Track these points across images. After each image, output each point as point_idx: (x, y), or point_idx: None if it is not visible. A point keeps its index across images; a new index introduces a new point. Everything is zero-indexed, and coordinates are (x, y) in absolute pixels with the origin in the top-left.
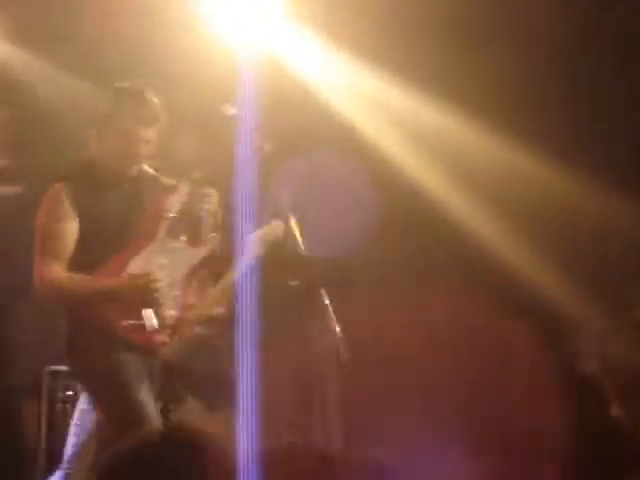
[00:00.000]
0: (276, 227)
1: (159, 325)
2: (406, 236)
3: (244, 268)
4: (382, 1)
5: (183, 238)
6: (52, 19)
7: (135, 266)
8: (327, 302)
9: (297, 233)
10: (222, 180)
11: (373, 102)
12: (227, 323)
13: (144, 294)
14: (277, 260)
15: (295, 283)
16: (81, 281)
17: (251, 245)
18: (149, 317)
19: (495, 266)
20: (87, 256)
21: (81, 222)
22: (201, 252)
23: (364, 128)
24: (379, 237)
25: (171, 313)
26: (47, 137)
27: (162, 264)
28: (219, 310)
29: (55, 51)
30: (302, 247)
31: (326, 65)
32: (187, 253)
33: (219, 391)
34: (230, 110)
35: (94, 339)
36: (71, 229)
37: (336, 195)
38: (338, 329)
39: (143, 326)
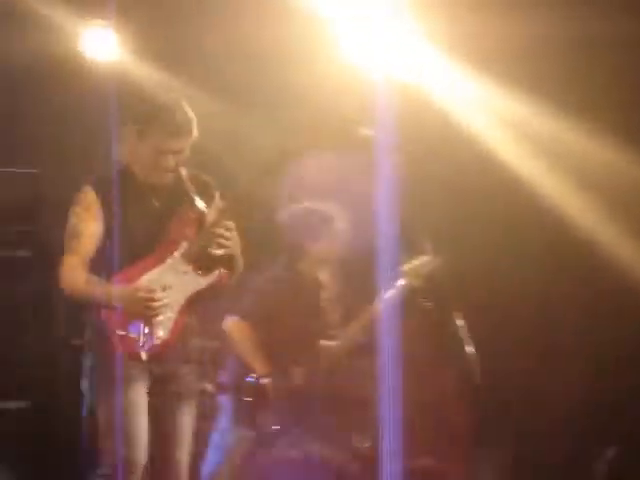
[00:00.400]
0: (428, 262)
1: (144, 342)
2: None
3: (392, 298)
4: (511, 20)
5: (194, 264)
6: (192, 41)
7: (146, 280)
8: (461, 323)
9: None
10: (359, 202)
11: (506, 121)
12: (370, 351)
13: (142, 309)
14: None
15: (429, 305)
16: (92, 282)
17: (406, 276)
18: (140, 332)
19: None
20: (107, 261)
21: (106, 226)
22: (206, 281)
23: (499, 148)
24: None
25: (160, 334)
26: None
27: (169, 284)
28: (364, 339)
29: (192, 72)
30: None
31: (459, 85)
32: (194, 279)
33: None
34: (367, 132)
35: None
36: (94, 230)
37: (472, 216)
38: (472, 350)
39: (134, 339)
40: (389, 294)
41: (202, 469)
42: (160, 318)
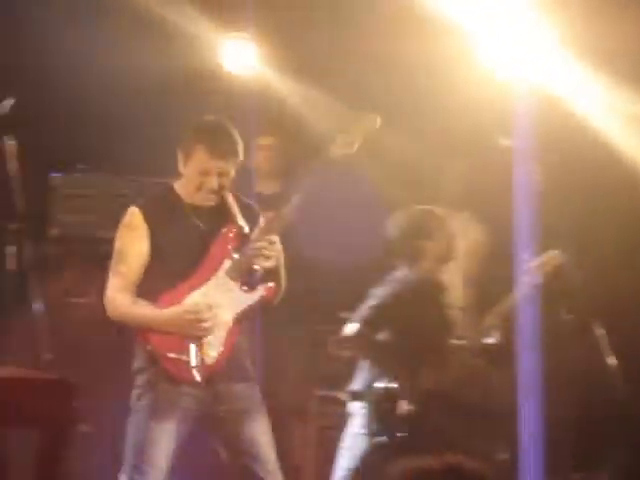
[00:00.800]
0: (554, 257)
1: (196, 364)
2: None
3: (522, 298)
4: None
5: (239, 281)
6: (326, 52)
7: (192, 299)
8: (602, 334)
9: (572, 264)
10: (495, 209)
11: None
12: (502, 353)
13: (191, 329)
14: (551, 292)
15: (569, 317)
16: (138, 306)
17: (529, 274)
18: (191, 354)
19: None
20: (152, 282)
21: (152, 247)
22: (253, 298)
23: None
24: None
25: (212, 354)
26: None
27: (216, 303)
28: (492, 340)
29: (333, 84)
30: (577, 279)
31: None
32: (241, 297)
33: (491, 425)
34: (506, 141)
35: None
36: (140, 251)
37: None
38: (614, 361)
39: (185, 361)
40: (518, 293)
41: (334, 475)
42: (210, 338)
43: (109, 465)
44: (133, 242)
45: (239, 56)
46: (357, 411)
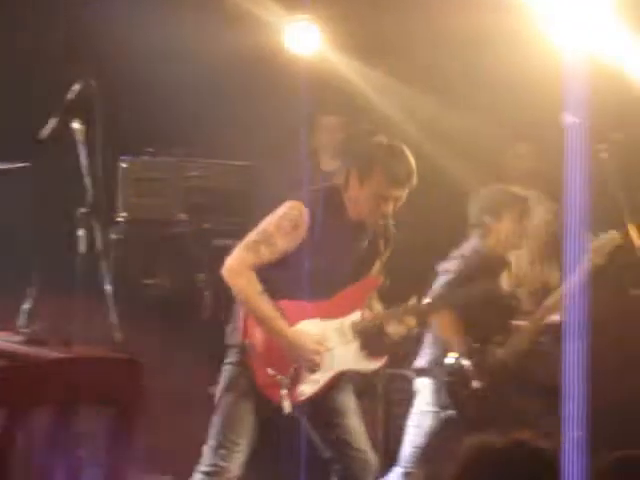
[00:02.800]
0: (613, 237)
1: (286, 393)
2: None
3: (580, 277)
4: None
5: (361, 339)
6: (389, 32)
7: (308, 325)
8: None
9: (636, 240)
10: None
11: None
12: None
13: (304, 356)
14: (616, 268)
15: (636, 292)
16: (264, 300)
17: (590, 254)
18: (285, 379)
19: None
20: (279, 279)
21: (298, 247)
22: (369, 366)
23: None
24: None
25: (307, 391)
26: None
27: (331, 345)
28: (555, 318)
29: (392, 64)
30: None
31: None
32: (356, 357)
33: (550, 401)
34: (568, 119)
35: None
36: (287, 247)
37: None
38: None
39: (277, 382)
40: (576, 274)
41: (402, 451)
42: (315, 376)
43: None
44: (287, 237)
45: (303, 38)
46: (423, 388)
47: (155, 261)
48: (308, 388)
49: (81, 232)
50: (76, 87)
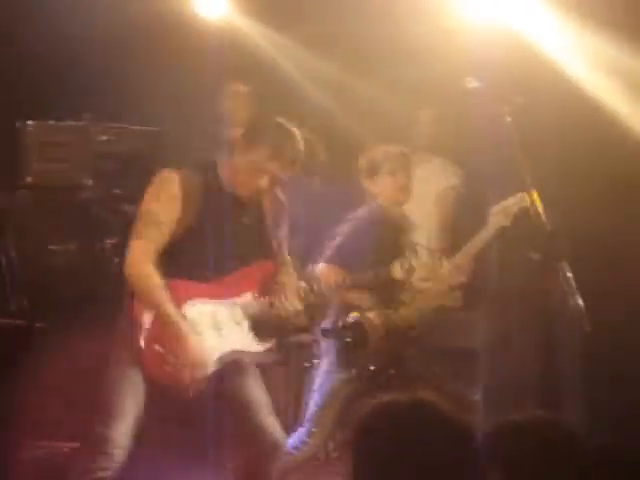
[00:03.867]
0: (521, 198)
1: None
2: None
3: (488, 238)
4: None
5: (251, 322)
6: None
7: (193, 310)
8: (569, 275)
9: (539, 206)
10: (463, 152)
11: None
12: (468, 293)
13: (188, 359)
14: (519, 233)
15: (537, 257)
16: (158, 287)
17: (495, 216)
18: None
19: None
20: (170, 258)
21: (183, 224)
22: (257, 347)
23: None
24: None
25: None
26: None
27: (220, 326)
28: (459, 279)
29: (300, 30)
30: (545, 220)
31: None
32: (245, 338)
33: (459, 364)
34: (472, 83)
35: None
36: (173, 220)
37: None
38: (580, 301)
39: (163, 357)
40: (481, 233)
41: (308, 411)
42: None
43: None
44: (169, 209)
45: (212, 2)
46: (328, 349)
47: (61, 227)
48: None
49: None
50: None
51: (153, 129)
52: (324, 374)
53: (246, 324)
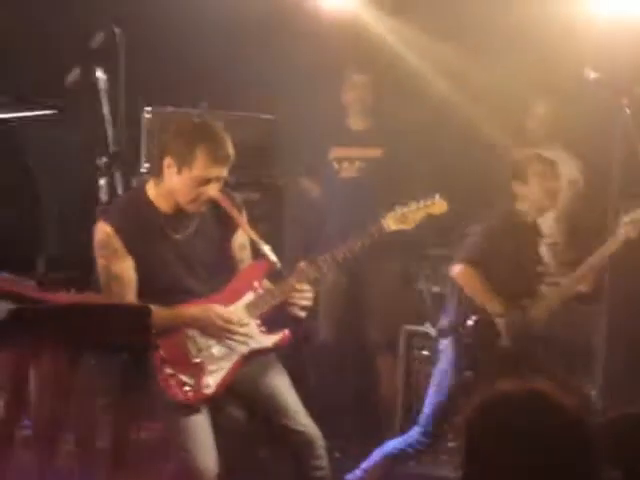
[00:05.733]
0: None
1: (191, 389)
2: None
3: (613, 250)
4: None
5: (259, 319)
6: None
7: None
8: None
9: None
10: (582, 145)
11: None
12: (592, 300)
13: (218, 326)
14: None
15: None
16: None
17: (625, 227)
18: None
19: None
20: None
21: (136, 264)
22: (270, 341)
23: None
24: None
25: (209, 383)
26: (405, 101)
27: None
28: (583, 288)
29: (421, 18)
30: None
31: None
32: (257, 336)
33: (577, 358)
34: (592, 73)
35: None
36: (127, 270)
37: None
38: None
39: (181, 381)
40: (608, 244)
41: (424, 409)
42: (213, 367)
43: None
44: (117, 261)
45: None
46: (446, 348)
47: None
48: (212, 379)
49: (102, 181)
50: (100, 35)
51: (268, 117)
52: (441, 373)
53: (254, 322)
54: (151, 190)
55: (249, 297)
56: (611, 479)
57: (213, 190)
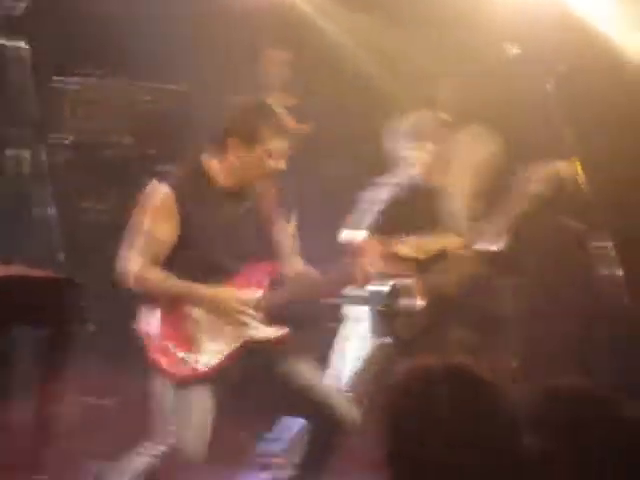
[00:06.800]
0: (561, 166)
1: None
2: None
3: (525, 205)
4: None
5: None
6: None
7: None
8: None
9: (580, 175)
10: (503, 119)
11: None
12: (506, 261)
13: (235, 308)
14: (558, 201)
15: (575, 225)
16: (172, 278)
17: (533, 182)
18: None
19: None
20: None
21: (182, 233)
22: (272, 333)
23: None
24: None
25: (205, 361)
26: (330, 76)
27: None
28: (498, 246)
29: None
30: (585, 189)
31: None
32: (259, 326)
33: (492, 330)
34: (512, 50)
35: None
36: (171, 236)
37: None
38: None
39: (183, 360)
40: (515, 203)
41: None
42: (214, 347)
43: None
44: (165, 225)
45: None
46: (362, 315)
47: (97, 185)
48: (210, 359)
49: (23, 153)
50: (20, 4)
51: (182, 89)
52: (360, 340)
53: (258, 315)
54: (214, 165)
55: (257, 293)
56: (531, 450)
57: (281, 163)
